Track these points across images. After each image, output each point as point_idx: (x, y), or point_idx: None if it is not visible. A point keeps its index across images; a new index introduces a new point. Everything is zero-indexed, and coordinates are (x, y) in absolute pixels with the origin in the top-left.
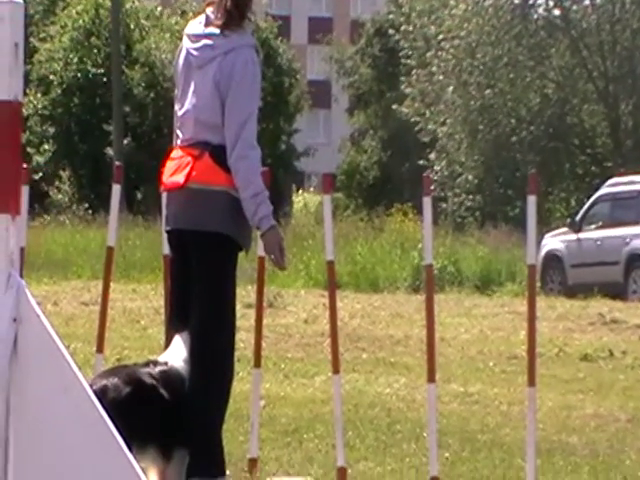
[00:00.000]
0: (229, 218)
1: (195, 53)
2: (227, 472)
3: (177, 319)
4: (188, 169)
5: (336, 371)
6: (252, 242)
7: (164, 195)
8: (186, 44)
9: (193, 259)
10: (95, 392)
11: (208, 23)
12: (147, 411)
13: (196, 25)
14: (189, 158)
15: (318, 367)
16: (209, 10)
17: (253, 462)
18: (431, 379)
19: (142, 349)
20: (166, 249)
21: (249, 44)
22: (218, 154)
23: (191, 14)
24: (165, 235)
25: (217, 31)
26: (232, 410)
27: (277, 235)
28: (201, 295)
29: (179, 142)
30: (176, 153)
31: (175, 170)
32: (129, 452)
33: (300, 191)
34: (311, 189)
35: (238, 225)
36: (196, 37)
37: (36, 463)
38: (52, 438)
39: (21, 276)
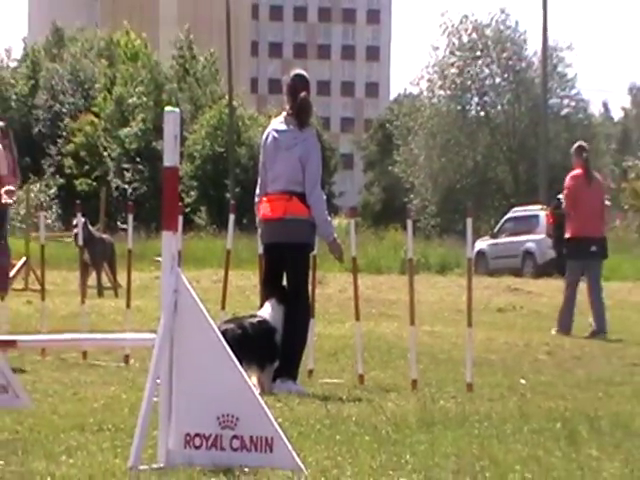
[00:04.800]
0: (310, 234)
1: (284, 140)
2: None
3: (268, 292)
4: (285, 206)
5: (357, 319)
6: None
7: (261, 223)
8: (273, 134)
9: (288, 258)
10: (221, 332)
11: (288, 123)
12: (250, 342)
13: (278, 123)
14: (283, 200)
15: (347, 317)
16: (284, 114)
17: (310, 371)
18: (412, 323)
19: (246, 308)
20: (260, 250)
21: (314, 134)
22: (301, 198)
23: (272, 116)
24: (261, 246)
25: (296, 128)
26: None
27: (338, 243)
28: (294, 276)
29: (270, 192)
30: (270, 198)
31: (273, 208)
32: (240, 366)
33: (335, 217)
34: (342, 216)
35: (313, 237)
36: (282, 131)
37: (186, 368)
38: (196, 356)
39: (179, 266)
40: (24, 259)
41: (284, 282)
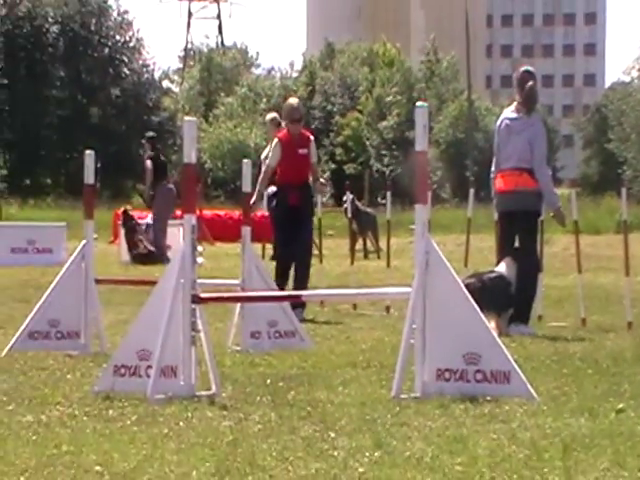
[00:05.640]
0: (538, 203)
1: (515, 125)
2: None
3: (503, 252)
4: (516, 180)
5: (579, 272)
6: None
7: (496, 194)
8: (505, 121)
9: (519, 223)
10: (465, 285)
11: (518, 111)
12: (489, 293)
13: (509, 111)
14: (515, 176)
15: (570, 271)
16: (515, 104)
17: (540, 317)
18: (627, 274)
19: (485, 265)
20: (495, 218)
21: (540, 119)
22: (530, 173)
23: (504, 106)
24: (496, 214)
25: (525, 115)
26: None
27: (561, 211)
28: (525, 238)
29: (503, 168)
30: (504, 174)
31: (506, 182)
32: (481, 312)
33: (559, 188)
34: (564, 186)
35: (540, 206)
36: (513, 118)
37: (438, 317)
38: (444, 305)
39: (428, 232)
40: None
41: (516, 243)
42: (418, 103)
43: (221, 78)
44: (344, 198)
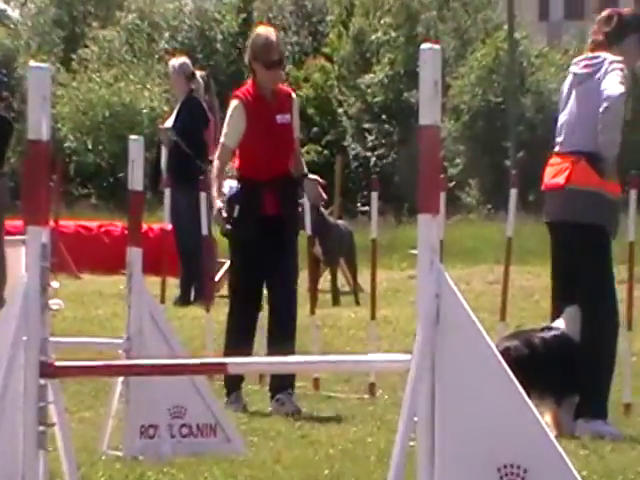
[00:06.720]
0: (603, 212)
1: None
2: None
3: (563, 295)
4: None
5: None
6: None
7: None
8: (570, 77)
9: (575, 247)
10: (500, 352)
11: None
12: (543, 367)
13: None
14: (566, 163)
15: None
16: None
17: (627, 406)
18: None
19: (536, 318)
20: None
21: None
22: (591, 160)
23: (570, 51)
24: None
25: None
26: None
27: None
28: (584, 275)
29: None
30: (553, 159)
31: (554, 173)
32: (528, 398)
33: None
34: None
35: (609, 217)
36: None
37: (455, 405)
38: (466, 385)
39: (440, 261)
40: None
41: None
42: (424, 45)
43: None
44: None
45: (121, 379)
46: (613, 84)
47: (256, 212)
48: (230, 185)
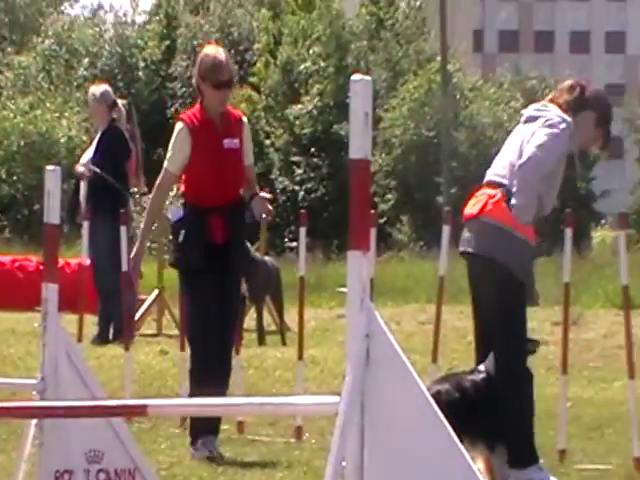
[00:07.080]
0: (512, 253)
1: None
2: (540, 460)
3: (482, 334)
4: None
5: (631, 377)
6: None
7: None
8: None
9: (482, 282)
10: (432, 395)
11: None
12: (475, 411)
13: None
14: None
15: (616, 374)
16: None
17: (562, 452)
18: None
19: (468, 360)
20: None
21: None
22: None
23: (506, 85)
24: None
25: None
26: (544, 409)
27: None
28: (492, 314)
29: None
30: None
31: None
32: (460, 444)
33: (598, 228)
34: (606, 226)
35: (518, 261)
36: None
37: (385, 449)
38: (396, 427)
39: (371, 300)
40: (156, 293)
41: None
42: (355, 76)
43: (8, 20)
44: None
45: (34, 421)
46: (542, 146)
47: (202, 238)
48: (176, 213)
